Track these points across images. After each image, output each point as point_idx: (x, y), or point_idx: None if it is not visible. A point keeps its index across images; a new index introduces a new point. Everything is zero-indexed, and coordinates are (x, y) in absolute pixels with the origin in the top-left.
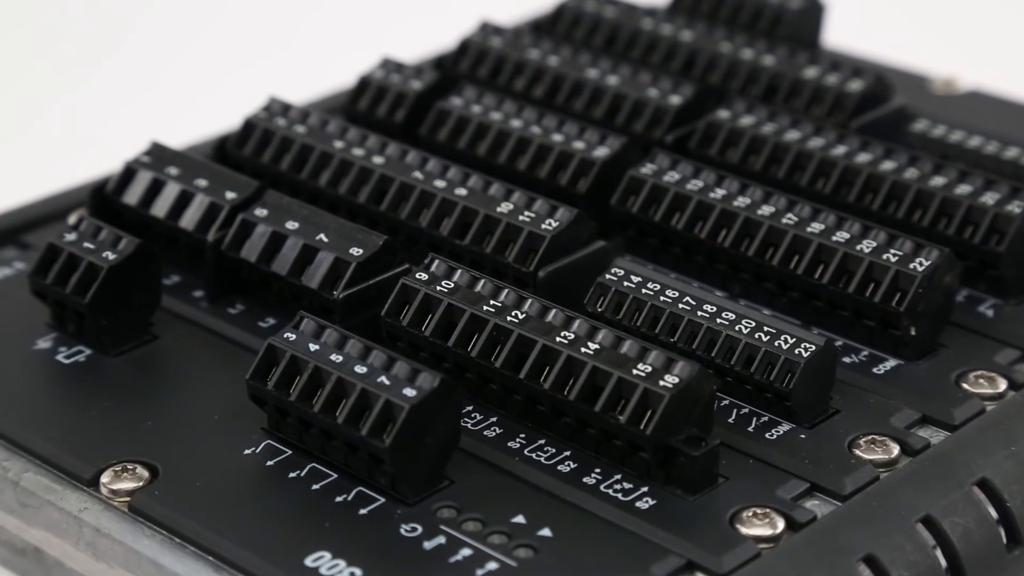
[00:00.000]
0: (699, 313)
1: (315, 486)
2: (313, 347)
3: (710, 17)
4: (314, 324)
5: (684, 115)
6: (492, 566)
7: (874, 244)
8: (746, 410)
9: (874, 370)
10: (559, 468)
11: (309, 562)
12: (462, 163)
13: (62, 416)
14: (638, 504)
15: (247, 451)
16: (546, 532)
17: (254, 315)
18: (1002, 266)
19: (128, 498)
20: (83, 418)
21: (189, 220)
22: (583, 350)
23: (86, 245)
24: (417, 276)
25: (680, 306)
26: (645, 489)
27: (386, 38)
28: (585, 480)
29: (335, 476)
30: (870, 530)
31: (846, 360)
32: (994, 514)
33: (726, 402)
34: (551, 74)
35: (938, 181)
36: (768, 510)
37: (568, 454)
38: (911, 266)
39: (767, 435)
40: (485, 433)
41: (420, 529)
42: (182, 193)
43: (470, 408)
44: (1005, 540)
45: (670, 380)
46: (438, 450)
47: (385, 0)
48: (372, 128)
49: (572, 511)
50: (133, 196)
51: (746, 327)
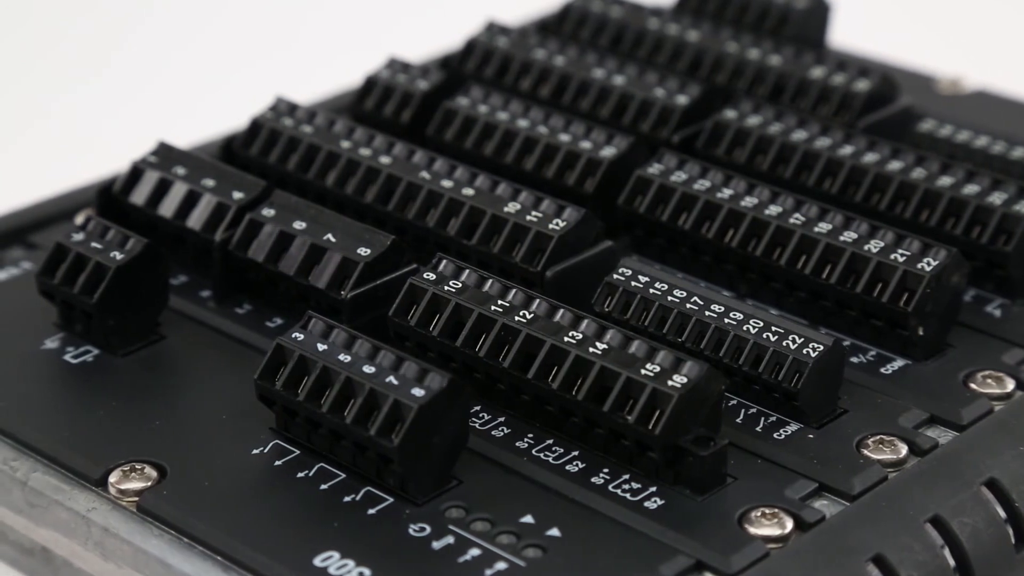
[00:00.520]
0: (707, 313)
1: (323, 486)
2: (321, 347)
3: (716, 17)
4: (322, 324)
5: (691, 115)
6: (501, 566)
7: (882, 244)
8: (754, 410)
9: (882, 370)
10: (567, 468)
11: (318, 562)
12: (469, 163)
13: (70, 416)
14: (646, 504)
15: (255, 451)
16: (555, 532)
17: (261, 315)
18: (1009, 266)
19: (136, 498)
20: (91, 418)
21: (196, 220)
22: (591, 350)
23: (94, 245)
24: (425, 276)
25: (688, 306)
26: (653, 489)
27: (392, 38)
28: (593, 480)
29: (343, 476)
30: (879, 530)
31: (854, 360)
32: (1002, 514)
33: (734, 402)
34: (557, 74)
35: (945, 181)
36: (776, 510)
37: (576, 454)
38: (919, 266)
39: (775, 435)
40: (493, 433)
41: (429, 529)
42: (189, 193)
43: (478, 408)
44: (1013, 540)
45: (678, 380)
46: (446, 450)
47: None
48: (379, 128)
49: (580, 511)
50: (140, 196)
51: (754, 327)
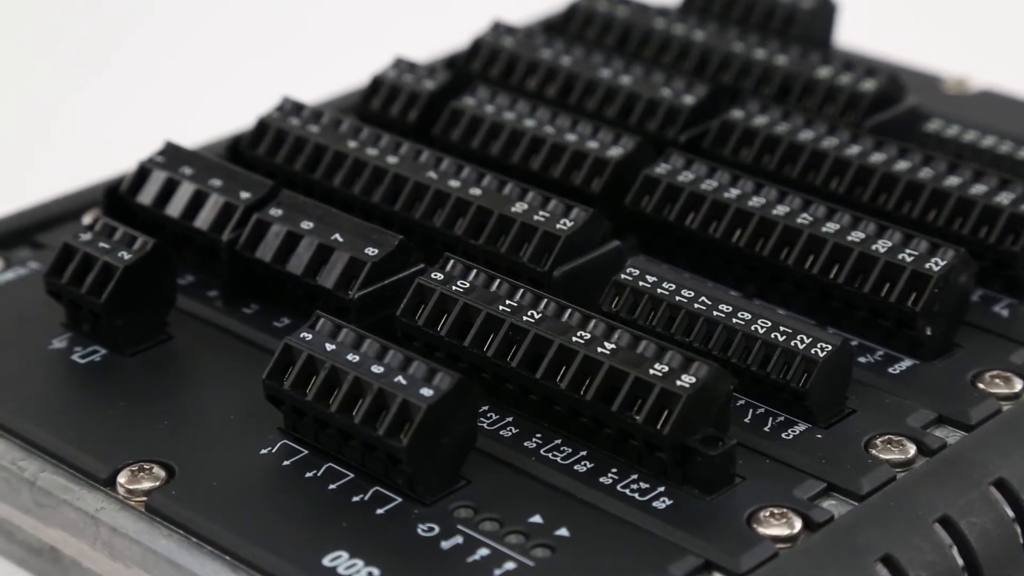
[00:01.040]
0: (715, 313)
1: (332, 486)
2: (330, 347)
3: (722, 17)
4: (331, 324)
5: (698, 115)
6: (510, 566)
7: (889, 244)
8: (762, 410)
9: (889, 370)
10: (575, 468)
11: (327, 562)
12: (476, 163)
13: (78, 416)
14: (655, 504)
15: (263, 451)
16: (563, 532)
17: (269, 315)
18: (1017, 266)
19: (145, 498)
20: (99, 418)
21: (203, 220)
22: (599, 350)
23: (101, 245)
24: (432, 276)
25: (696, 306)
26: (662, 489)
27: (398, 38)
28: (602, 480)
29: (351, 476)
30: (887, 530)
31: (861, 360)
32: (1011, 514)
33: (742, 402)
34: (564, 74)
35: (953, 181)
36: (785, 510)
37: (584, 454)
38: (927, 266)
39: (783, 435)
40: (501, 433)
41: (437, 529)
42: (196, 193)
43: (486, 408)
44: (1022, 540)
45: (687, 380)
46: (455, 450)
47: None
48: (385, 128)
49: (589, 511)
50: (147, 196)
51: (762, 327)
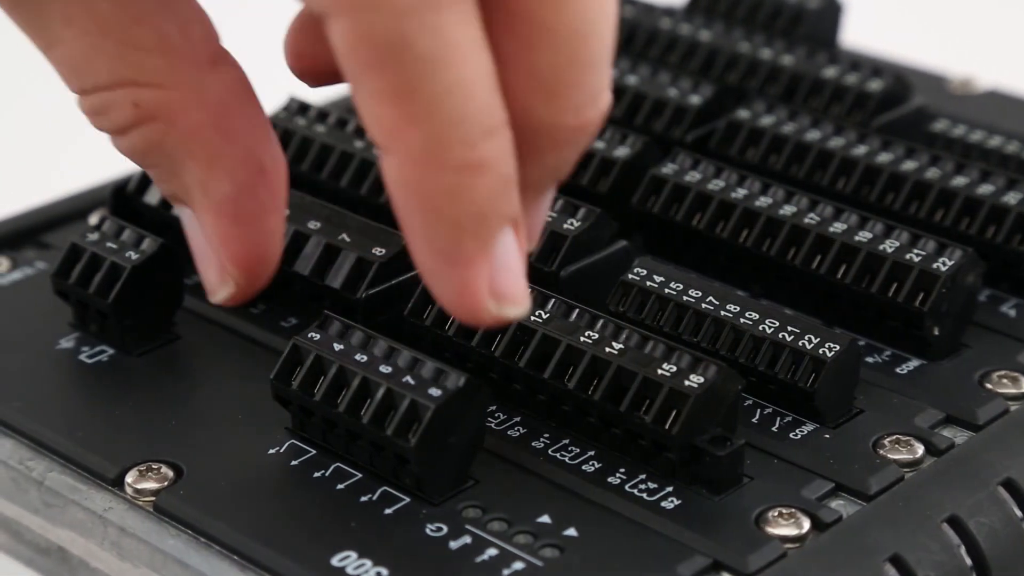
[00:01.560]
0: (723, 312)
1: (340, 486)
2: (338, 347)
3: (727, 17)
4: (339, 324)
5: (704, 115)
6: (518, 566)
7: (897, 244)
8: (770, 410)
9: (897, 370)
10: (583, 468)
11: (335, 562)
12: None
13: (86, 416)
14: (663, 504)
15: (271, 451)
16: (571, 532)
17: (276, 315)
18: None
19: (153, 498)
20: (107, 418)
21: None
22: (607, 350)
23: (109, 245)
24: None
25: (703, 305)
26: (670, 489)
27: None
28: (610, 480)
29: (360, 476)
30: (896, 530)
31: (869, 360)
32: (1019, 513)
33: (749, 402)
34: None
35: (960, 181)
36: (793, 510)
37: (592, 454)
38: (935, 266)
39: (791, 435)
40: (509, 433)
41: (446, 529)
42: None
43: (494, 408)
44: None
45: (695, 380)
46: (463, 450)
47: None
48: None
49: (597, 511)
50: (154, 196)
51: (770, 327)
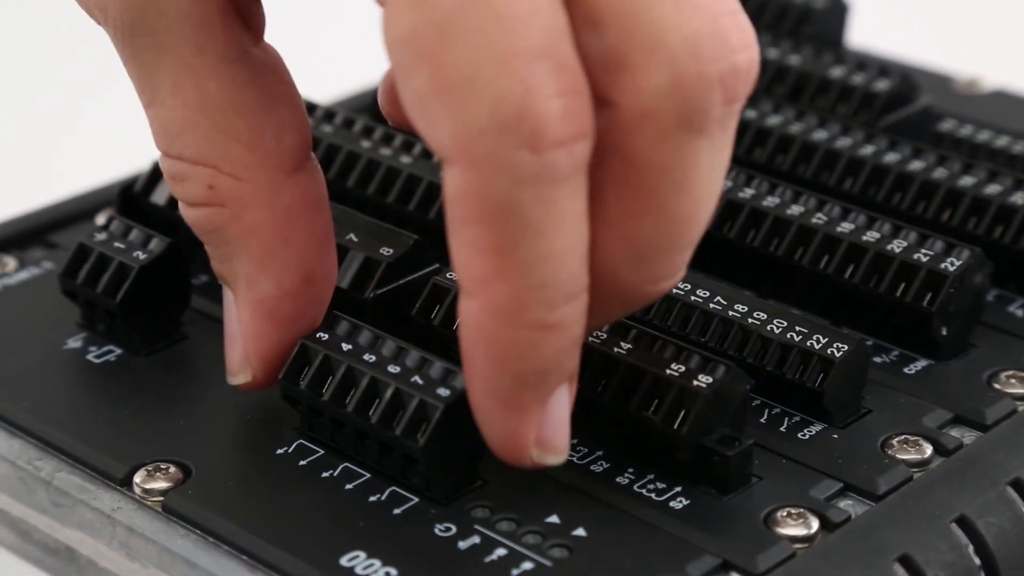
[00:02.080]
0: (731, 312)
1: (348, 486)
2: (346, 347)
3: None
4: (347, 324)
5: None
6: (527, 566)
7: (905, 244)
8: (778, 410)
9: (905, 370)
10: (592, 468)
11: (344, 562)
12: None
13: (94, 416)
14: (672, 504)
15: (280, 451)
16: (580, 532)
17: None
18: None
19: (161, 497)
20: (115, 418)
21: None
22: (616, 350)
23: (116, 245)
24: (448, 276)
25: (711, 305)
26: (678, 489)
27: None
28: (618, 480)
29: (368, 476)
30: (905, 530)
31: (877, 360)
32: None
33: (757, 402)
34: None
35: (967, 181)
36: (802, 510)
37: (601, 453)
38: (942, 266)
39: (799, 435)
40: None
41: (454, 529)
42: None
43: None
44: None
45: (704, 380)
46: (472, 450)
47: None
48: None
49: (606, 511)
50: (161, 196)
51: (778, 327)
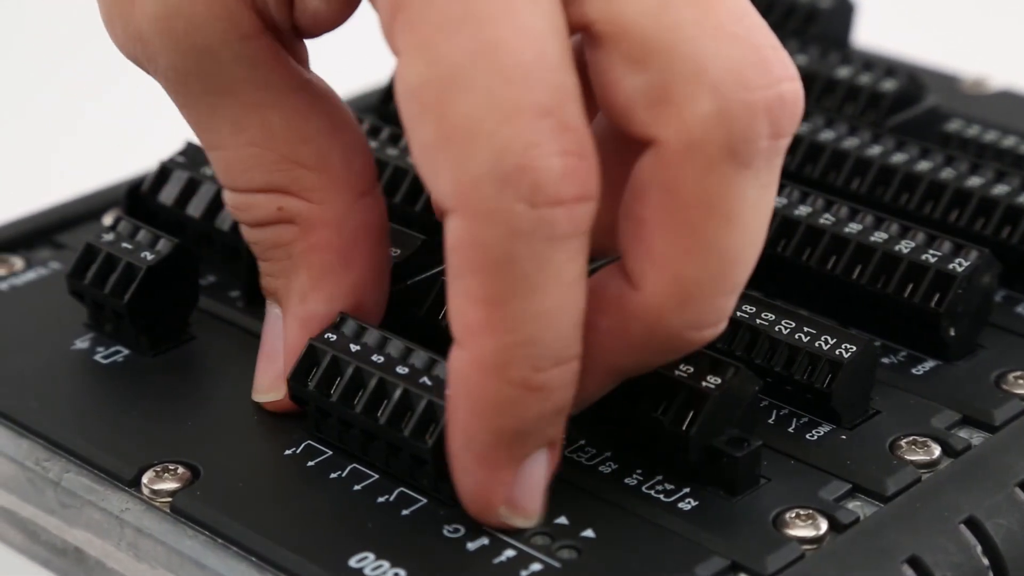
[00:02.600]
0: (739, 313)
1: (356, 487)
2: (354, 347)
3: None
4: (355, 324)
5: None
6: (536, 567)
7: (913, 244)
8: (786, 411)
9: (913, 371)
10: (600, 469)
11: (353, 563)
12: None
13: (102, 416)
14: (680, 505)
15: (288, 451)
16: (589, 533)
17: None
18: None
19: (170, 498)
20: (123, 418)
21: (225, 221)
22: None
23: (124, 245)
24: None
25: None
26: (687, 490)
27: None
28: (627, 481)
29: (376, 477)
30: (914, 531)
31: (884, 361)
32: None
33: (765, 403)
34: None
35: (975, 181)
36: (811, 511)
37: (609, 454)
38: (951, 266)
39: (807, 436)
40: None
41: (463, 530)
42: (218, 193)
43: None
44: None
45: (713, 381)
46: None
47: None
48: None
49: (615, 512)
50: (169, 196)
51: (786, 328)
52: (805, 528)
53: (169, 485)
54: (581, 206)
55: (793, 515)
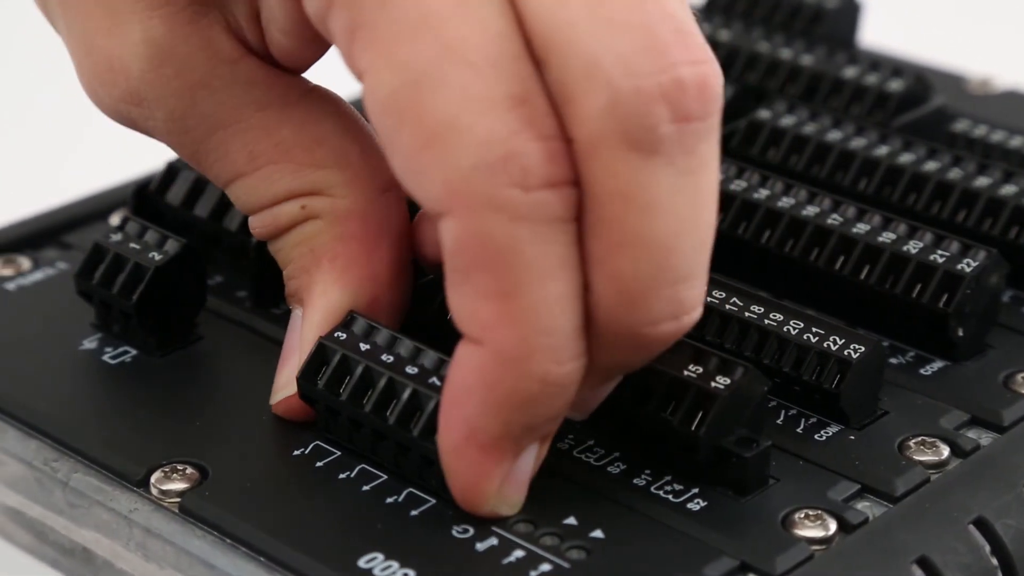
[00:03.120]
0: (747, 314)
1: (365, 487)
2: (364, 347)
3: (746, 17)
4: (364, 323)
5: (725, 115)
6: (545, 567)
7: (921, 244)
8: (794, 411)
9: (921, 371)
10: (609, 469)
11: (362, 563)
12: None
13: (110, 417)
14: (689, 505)
15: (296, 452)
16: (598, 533)
17: None
18: None
19: (178, 499)
20: (131, 418)
21: (232, 220)
22: None
23: (132, 246)
24: None
25: (728, 307)
26: (696, 490)
27: None
28: (635, 481)
29: (385, 477)
30: (923, 532)
31: (893, 361)
32: None
33: (774, 403)
34: None
35: (983, 181)
36: (820, 511)
37: (618, 455)
38: (959, 267)
39: (816, 436)
40: None
41: (472, 530)
42: (225, 194)
43: None
44: None
45: (722, 381)
46: None
47: None
48: None
49: (623, 512)
50: (176, 196)
51: (794, 328)
52: (814, 528)
53: (178, 485)
54: (567, 189)
55: (802, 515)
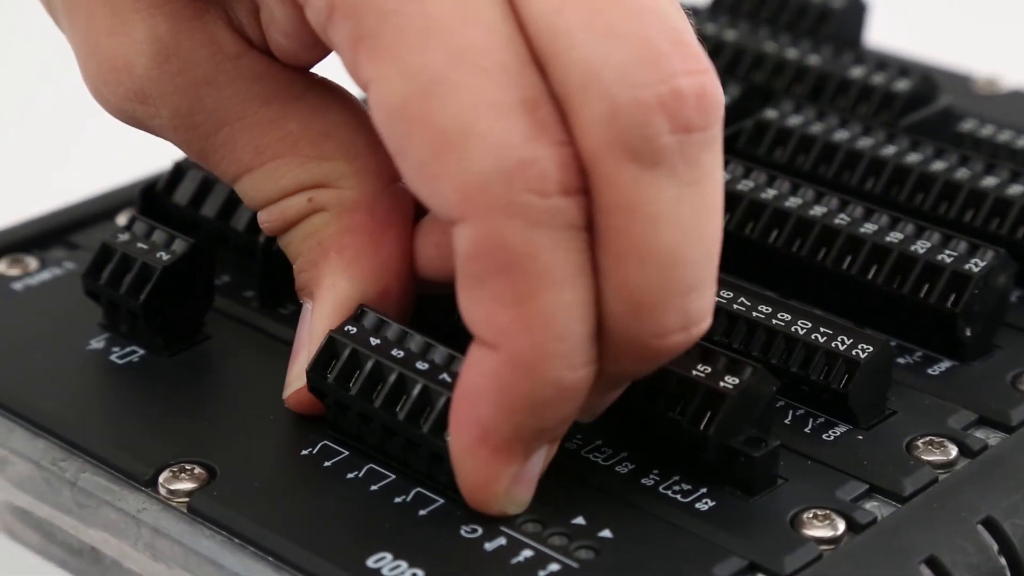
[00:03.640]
0: (755, 314)
1: (373, 487)
2: (374, 341)
3: (752, 17)
4: (375, 317)
5: (731, 114)
6: (554, 567)
7: (928, 244)
8: (802, 411)
9: (929, 371)
10: (617, 469)
11: (371, 563)
12: None
13: (118, 416)
14: (697, 505)
15: (304, 451)
16: (606, 533)
17: None
18: None
19: (187, 498)
20: (139, 418)
21: (239, 220)
22: None
23: (139, 245)
24: None
25: (735, 307)
26: (704, 490)
27: None
28: (644, 481)
29: (393, 477)
30: (931, 532)
31: (900, 361)
32: None
33: (782, 403)
34: None
35: (990, 181)
36: (828, 511)
37: (626, 455)
38: (967, 267)
39: (824, 436)
40: None
41: (480, 530)
42: (232, 192)
43: None
44: None
45: (731, 381)
46: None
47: None
48: None
49: (632, 512)
50: (183, 196)
51: (802, 328)
52: (823, 528)
53: (186, 485)
54: (582, 196)
55: (810, 515)
